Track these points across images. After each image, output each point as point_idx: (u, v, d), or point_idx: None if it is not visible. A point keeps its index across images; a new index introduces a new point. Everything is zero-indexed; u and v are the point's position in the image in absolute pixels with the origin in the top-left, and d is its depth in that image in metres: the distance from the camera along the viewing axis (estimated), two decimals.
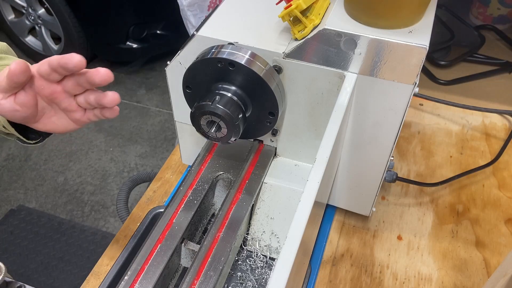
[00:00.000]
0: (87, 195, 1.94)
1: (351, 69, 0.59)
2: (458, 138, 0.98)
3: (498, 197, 0.87)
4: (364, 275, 0.74)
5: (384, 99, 0.60)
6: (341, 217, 0.82)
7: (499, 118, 1.03)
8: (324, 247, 0.77)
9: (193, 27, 1.32)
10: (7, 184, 1.99)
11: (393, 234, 0.80)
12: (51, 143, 2.17)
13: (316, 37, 0.58)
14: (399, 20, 0.56)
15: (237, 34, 0.62)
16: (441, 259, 0.76)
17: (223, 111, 0.58)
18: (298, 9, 0.55)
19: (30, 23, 2.49)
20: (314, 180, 0.50)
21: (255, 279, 0.70)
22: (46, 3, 2.29)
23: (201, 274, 0.58)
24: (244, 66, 0.58)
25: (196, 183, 0.70)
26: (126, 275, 0.58)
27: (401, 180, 0.84)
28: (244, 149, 0.73)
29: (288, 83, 0.63)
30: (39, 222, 1.80)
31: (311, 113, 0.65)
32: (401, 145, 0.96)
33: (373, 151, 0.67)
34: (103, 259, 0.75)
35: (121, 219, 1.01)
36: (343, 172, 0.73)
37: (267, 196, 0.71)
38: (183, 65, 0.66)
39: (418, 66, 0.56)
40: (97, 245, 1.71)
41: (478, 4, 1.27)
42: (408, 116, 1.03)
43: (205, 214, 0.74)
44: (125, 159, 2.10)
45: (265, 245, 0.72)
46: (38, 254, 1.69)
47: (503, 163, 0.93)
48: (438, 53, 1.17)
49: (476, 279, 0.74)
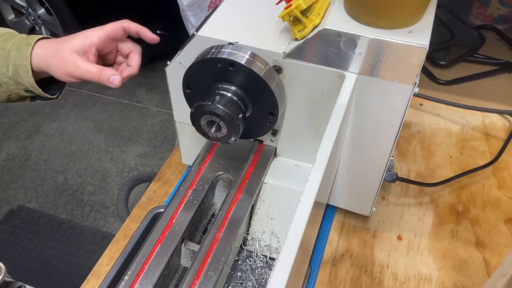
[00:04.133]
0: (87, 195, 1.94)
1: (351, 69, 0.59)
2: (458, 138, 0.98)
3: (498, 197, 0.87)
4: (364, 275, 0.74)
5: (384, 99, 0.60)
6: (341, 217, 0.82)
7: (499, 118, 1.03)
8: (324, 247, 0.77)
9: (193, 27, 1.32)
10: (7, 184, 1.99)
11: (393, 234, 0.80)
12: (51, 143, 2.17)
13: (316, 37, 0.58)
14: (399, 20, 0.56)
15: (237, 34, 0.62)
16: (441, 259, 0.76)
17: (223, 111, 0.58)
18: (298, 9, 0.55)
19: (30, 23, 2.49)
20: (314, 180, 0.50)
21: (255, 279, 0.70)
22: (46, 3, 2.29)
23: (201, 274, 0.58)
24: (244, 66, 0.58)
25: (196, 183, 0.70)
26: (126, 275, 0.58)
27: (401, 180, 0.84)
28: (244, 149, 0.73)
29: (288, 83, 0.63)
30: (39, 222, 1.80)
31: (311, 113, 0.65)
32: (401, 145, 0.96)
33: (373, 151, 0.67)
34: (103, 259, 0.75)
35: (121, 219, 1.01)
36: (343, 172, 0.73)
37: (267, 196, 0.71)
38: (183, 65, 0.66)
39: (418, 66, 0.56)
40: (97, 245, 1.71)
41: (478, 4, 1.27)
42: (408, 116, 1.03)
43: (205, 214, 0.74)
44: (125, 159, 2.10)
45: (265, 245, 0.72)
46: (38, 254, 1.68)
47: (503, 163, 0.93)
48: (438, 53, 1.17)
49: (476, 279, 0.74)
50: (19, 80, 0.62)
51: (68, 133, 2.23)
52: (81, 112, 2.35)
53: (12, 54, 0.61)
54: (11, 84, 0.63)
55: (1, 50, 0.61)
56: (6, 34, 0.63)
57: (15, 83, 0.63)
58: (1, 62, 0.61)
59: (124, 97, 2.41)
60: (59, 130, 2.25)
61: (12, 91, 0.64)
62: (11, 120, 2.30)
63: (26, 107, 2.37)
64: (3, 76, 0.62)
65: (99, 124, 2.27)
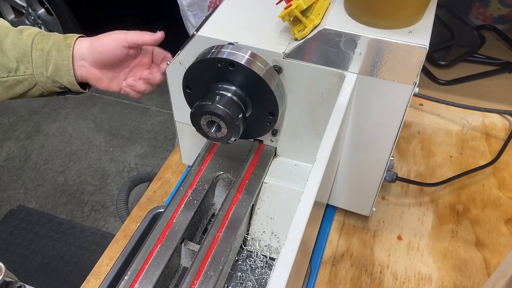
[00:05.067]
0: (87, 195, 1.94)
1: (351, 69, 0.59)
2: (458, 138, 0.98)
3: (498, 197, 0.87)
4: (364, 275, 0.74)
5: (384, 99, 0.60)
6: (341, 217, 0.82)
7: (499, 118, 1.03)
8: (324, 247, 0.77)
9: (193, 27, 1.32)
10: (7, 184, 1.99)
11: (393, 234, 0.80)
12: (51, 143, 2.17)
13: (316, 37, 0.58)
14: (399, 20, 0.56)
15: (237, 34, 0.62)
16: (441, 259, 0.76)
17: (223, 111, 0.58)
18: (298, 9, 0.55)
19: (30, 23, 2.49)
20: (314, 180, 0.50)
21: (255, 279, 0.70)
22: (46, 3, 2.29)
23: (201, 274, 0.58)
24: (244, 66, 0.58)
25: (196, 183, 0.70)
26: (126, 275, 0.58)
27: (401, 180, 0.84)
28: (244, 149, 0.73)
29: (288, 83, 0.63)
30: (39, 222, 1.80)
31: (311, 113, 0.65)
32: (401, 145, 0.96)
33: (373, 151, 0.67)
34: (103, 259, 0.75)
35: (121, 219, 1.01)
36: (343, 172, 0.73)
37: (267, 196, 0.71)
38: (183, 65, 0.66)
39: (418, 66, 0.56)
40: (97, 245, 1.71)
41: (478, 4, 1.27)
42: (408, 116, 1.03)
43: (205, 214, 0.74)
44: (125, 159, 2.10)
45: (265, 245, 0.72)
46: (38, 254, 1.68)
47: (503, 163, 0.93)
48: (438, 53, 1.17)
49: (476, 279, 0.74)
50: (57, 79, 0.65)
51: (68, 133, 2.23)
52: (81, 112, 2.35)
53: (52, 54, 0.64)
54: (48, 82, 0.66)
55: (40, 51, 0.64)
56: (38, 35, 0.65)
57: (51, 82, 0.66)
58: (40, 62, 0.64)
59: (124, 97, 2.41)
60: (59, 130, 2.25)
61: (47, 89, 0.67)
62: (11, 120, 2.30)
63: (26, 107, 2.37)
64: (41, 76, 0.65)
65: (99, 124, 2.27)
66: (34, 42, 0.64)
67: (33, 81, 0.65)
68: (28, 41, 0.64)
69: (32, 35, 0.65)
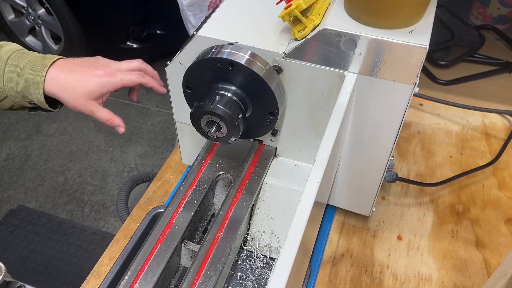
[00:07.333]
0: (87, 195, 1.94)
1: (351, 69, 0.59)
2: (458, 138, 0.98)
3: (498, 197, 0.87)
4: (364, 275, 0.74)
5: (384, 99, 0.60)
6: (341, 217, 0.82)
7: (499, 118, 1.03)
8: (324, 247, 0.77)
9: (193, 27, 1.32)
10: (7, 184, 1.99)
11: (393, 234, 0.80)
12: (51, 143, 2.17)
13: (316, 37, 0.58)
14: (399, 20, 0.56)
15: (237, 34, 0.62)
16: (441, 259, 0.76)
17: (223, 111, 0.58)
18: (298, 9, 0.55)
19: (30, 23, 2.49)
20: (314, 180, 0.50)
21: (255, 279, 0.70)
22: (46, 3, 2.29)
23: (201, 274, 0.58)
24: (244, 66, 0.58)
25: (196, 183, 0.70)
26: (126, 275, 0.58)
27: (401, 180, 0.84)
28: (244, 149, 0.73)
29: (288, 83, 0.63)
30: (39, 222, 1.80)
31: (311, 113, 0.65)
32: (401, 145, 0.96)
33: (373, 151, 0.67)
34: (103, 259, 0.75)
35: (121, 219, 1.01)
36: (343, 172, 0.73)
37: (267, 196, 0.71)
38: (183, 65, 0.66)
39: (418, 66, 0.56)
40: (97, 245, 1.71)
41: (478, 4, 1.27)
42: (408, 116, 1.03)
43: (205, 214, 0.74)
44: (125, 159, 2.10)
45: (265, 245, 0.72)
46: (38, 254, 1.68)
47: (503, 163, 0.93)
48: (438, 53, 1.18)
49: (476, 279, 0.74)
50: (27, 95, 0.65)
51: (68, 133, 2.23)
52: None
53: (26, 72, 0.64)
54: (18, 97, 0.66)
55: (14, 67, 0.64)
56: (17, 52, 0.66)
57: (21, 97, 0.66)
58: (11, 78, 0.64)
59: (124, 97, 2.41)
60: (59, 130, 2.25)
61: (17, 103, 0.67)
62: (11, 120, 2.30)
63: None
64: (12, 90, 0.65)
65: (99, 124, 2.27)
66: (10, 58, 0.65)
67: (3, 94, 0.65)
68: (4, 56, 0.64)
69: (11, 51, 0.65)
